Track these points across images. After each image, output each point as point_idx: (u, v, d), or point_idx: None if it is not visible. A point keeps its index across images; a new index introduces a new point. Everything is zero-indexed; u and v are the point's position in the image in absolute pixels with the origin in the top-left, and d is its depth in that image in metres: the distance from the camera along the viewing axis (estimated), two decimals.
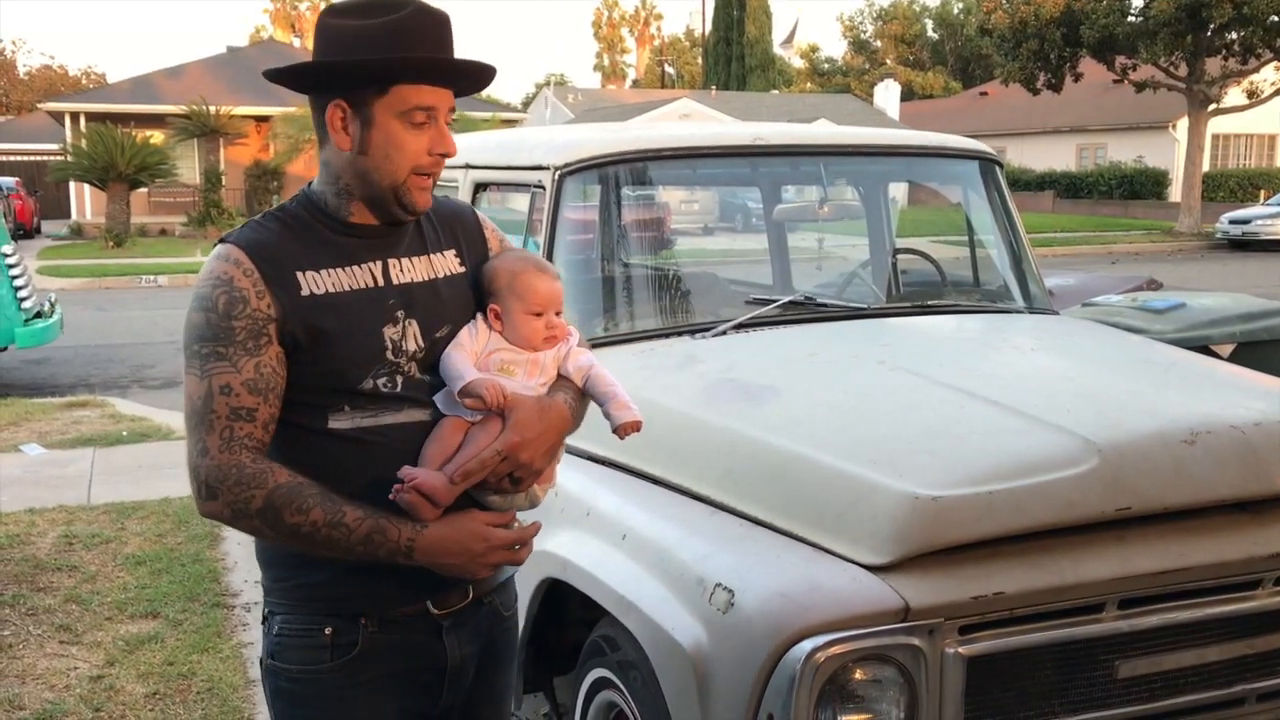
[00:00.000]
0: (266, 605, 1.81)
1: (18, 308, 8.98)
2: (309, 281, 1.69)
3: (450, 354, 1.76)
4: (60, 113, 30.65)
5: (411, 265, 1.78)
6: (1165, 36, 25.21)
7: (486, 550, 1.68)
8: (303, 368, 1.68)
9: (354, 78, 1.68)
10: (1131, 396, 2.42)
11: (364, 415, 1.71)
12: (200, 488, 1.64)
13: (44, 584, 4.57)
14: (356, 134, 1.70)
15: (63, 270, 19.08)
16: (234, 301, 1.64)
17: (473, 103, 35.82)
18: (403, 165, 1.70)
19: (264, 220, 1.75)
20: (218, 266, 1.67)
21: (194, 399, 1.65)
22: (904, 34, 63.58)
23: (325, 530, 1.62)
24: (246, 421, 1.64)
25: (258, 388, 1.64)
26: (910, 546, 2.00)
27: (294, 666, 1.76)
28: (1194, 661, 2.13)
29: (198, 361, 1.65)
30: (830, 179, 3.70)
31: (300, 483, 1.63)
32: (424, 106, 1.70)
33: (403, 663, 1.78)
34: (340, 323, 1.69)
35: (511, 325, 1.79)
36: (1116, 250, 24.39)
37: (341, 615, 1.74)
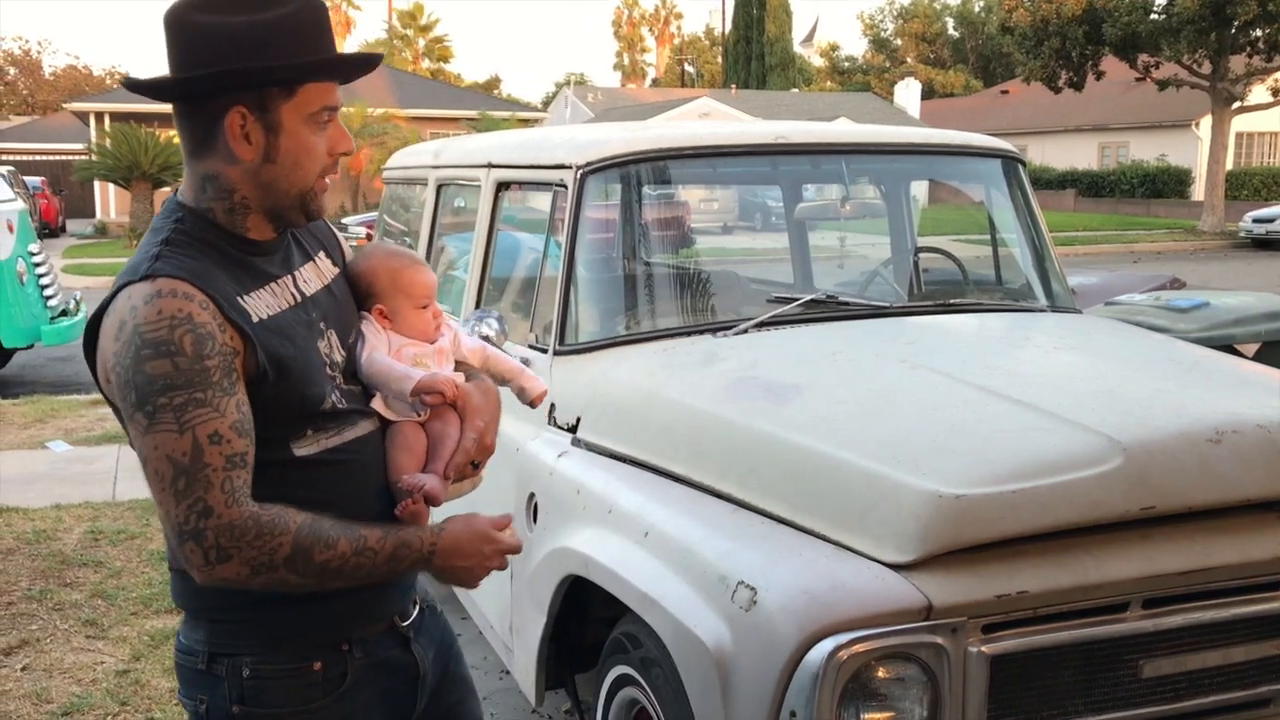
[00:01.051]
0: (212, 647, 1.62)
1: (44, 306, 9.06)
2: (252, 307, 1.56)
3: (374, 358, 1.73)
4: (85, 112, 30.92)
5: (309, 275, 1.71)
6: (1189, 34, 25.03)
7: (493, 553, 1.67)
8: (268, 399, 1.55)
9: (263, 83, 1.54)
10: (1156, 395, 2.41)
11: (327, 436, 1.63)
12: (209, 552, 1.46)
13: (70, 579, 4.62)
14: (261, 142, 1.56)
15: (88, 269, 19.24)
16: (202, 339, 1.46)
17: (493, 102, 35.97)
18: (312, 170, 1.61)
19: (174, 248, 1.54)
20: (168, 305, 1.46)
21: (175, 458, 1.44)
22: (925, 32, 63.32)
23: (353, 559, 1.54)
24: (242, 469, 1.48)
25: (244, 429, 1.49)
26: (934, 545, 2.00)
27: (280, 709, 1.63)
28: (1219, 662, 2.12)
29: (170, 415, 1.44)
30: (852, 177, 3.70)
31: (312, 517, 1.53)
32: (330, 106, 1.61)
33: (385, 681, 1.74)
34: (292, 347, 1.59)
35: (403, 321, 1.80)
36: (1139, 249, 24.23)
37: (325, 646, 1.66)
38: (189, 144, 1.61)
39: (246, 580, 1.50)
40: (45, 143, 37.91)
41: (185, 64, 1.55)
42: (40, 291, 9.07)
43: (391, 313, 1.80)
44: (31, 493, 5.85)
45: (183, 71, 1.55)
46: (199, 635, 1.64)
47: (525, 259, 3.79)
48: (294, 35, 1.54)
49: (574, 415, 2.90)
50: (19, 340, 8.91)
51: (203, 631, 1.64)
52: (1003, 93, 46.65)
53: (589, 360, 2.98)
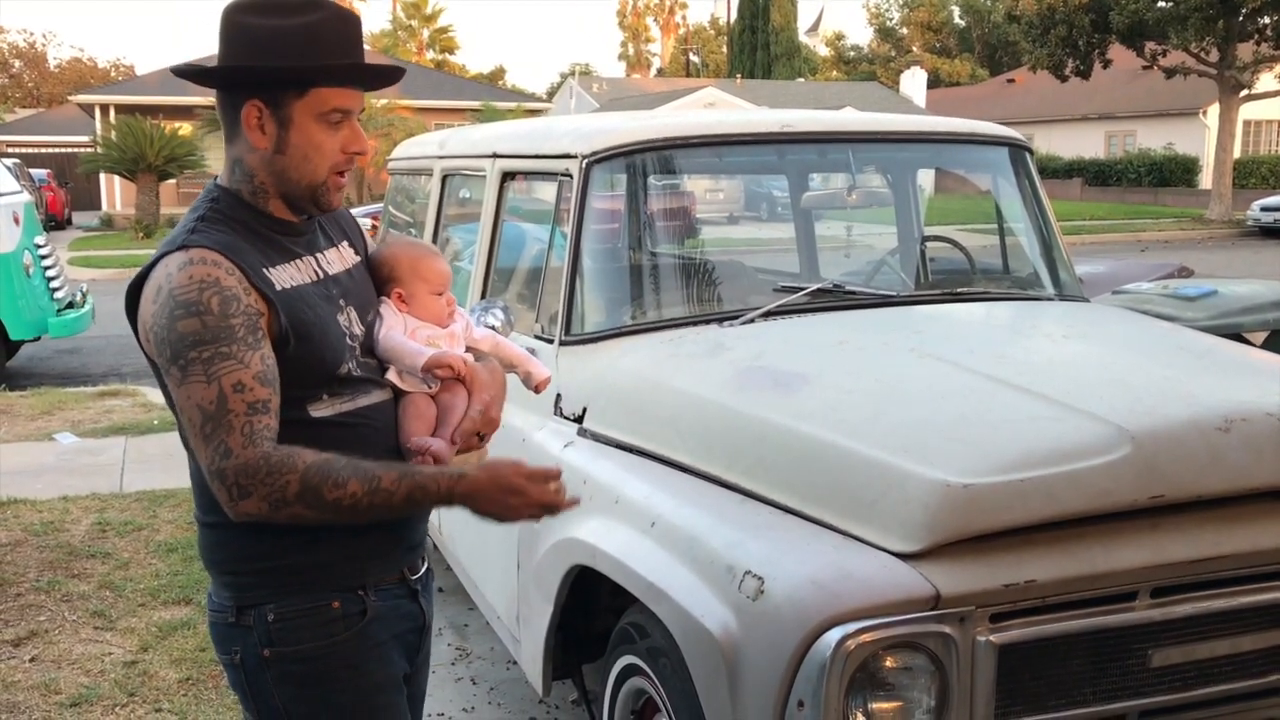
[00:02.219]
0: (238, 600, 1.77)
1: (50, 298, 9.09)
2: (276, 277, 1.72)
3: (390, 335, 1.88)
4: (90, 105, 30.94)
5: (332, 257, 1.88)
6: (1196, 22, 24.89)
7: (521, 505, 1.72)
8: (289, 362, 1.70)
9: (273, 82, 1.70)
10: (1165, 383, 2.40)
11: (342, 401, 1.77)
12: (231, 489, 1.61)
13: (78, 570, 4.63)
14: (273, 134, 1.73)
15: (94, 261, 19.28)
16: (228, 300, 1.63)
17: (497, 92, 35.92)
18: (321, 165, 1.75)
19: (208, 223, 1.72)
20: (198, 270, 1.64)
21: (204, 405, 1.61)
22: (930, 21, 63.07)
23: (367, 499, 1.63)
24: (263, 414, 1.63)
25: (267, 379, 1.65)
26: (941, 534, 2.00)
27: (305, 646, 1.77)
28: (1228, 651, 2.11)
29: (200, 366, 1.61)
30: (859, 166, 3.68)
31: (326, 458, 1.63)
32: (341, 108, 1.74)
33: (397, 627, 1.88)
34: (314, 314, 1.74)
35: (419, 305, 1.95)
36: (1145, 238, 24.16)
37: (342, 589, 1.80)
38: (224, 129, 1.78)
39: (269, 514, 1.63)
40: (51, 135, 37.93)
41: (220, 56, 1.74)
42: (47, 284, 9.09)
43: (409, 297, 1.95)
44: (39, 484, 5.86)
45: (219, 63, 1.74)
46: (226, 593, 1.79)
47: (531, 249, 3.78)
48: (312, 42, 1.69)
49: (580, 405, 2.90)
50: (26, 332, 8.93)
51: (229, 589, 1.79)
52: (1009, 81, 46.49)
53: (595, 350, 2.97)
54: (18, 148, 33.05)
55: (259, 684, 1.78)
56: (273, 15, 1.69)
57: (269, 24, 1.69)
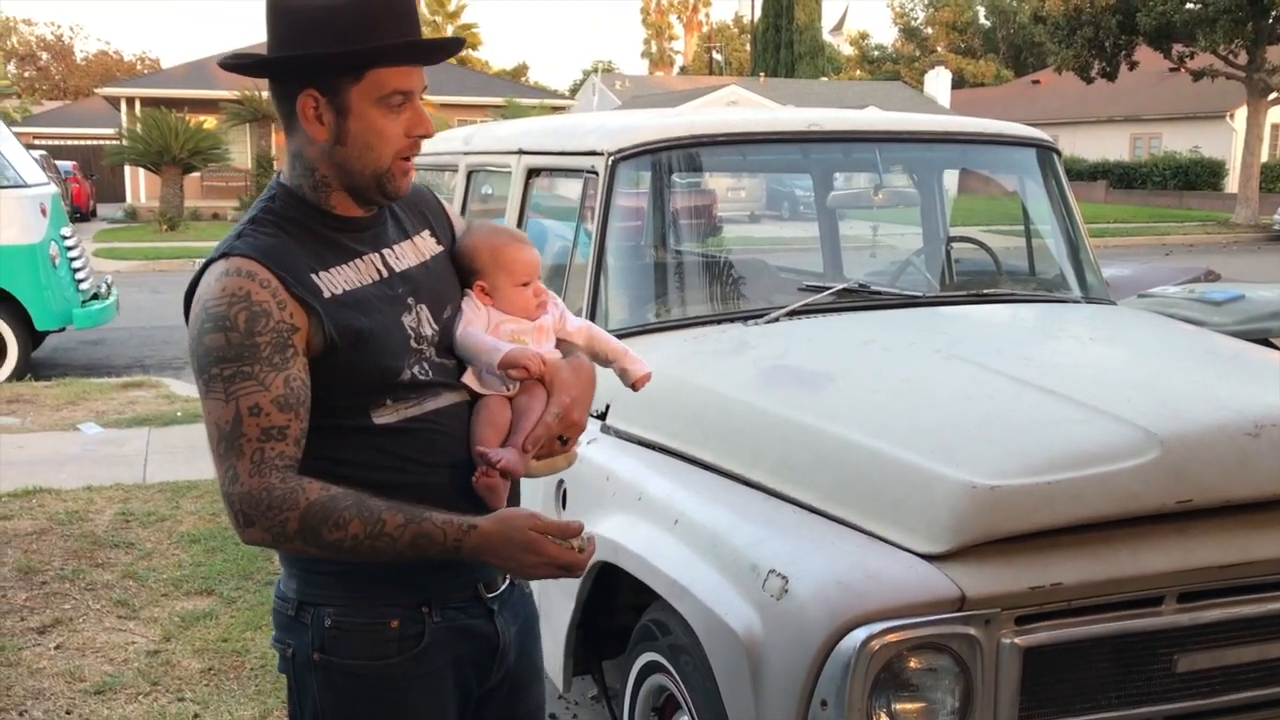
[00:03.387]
0: (301, 596, 1.72)
1: (75, 289, 9.15)
2: (325, 283, 1.63)
3: (468, 332, 1.76)
4: (116, 98, 31.13)
5: (403, 251, 1.76)
6: (1225, 24, 24.68)
7: (538, 564, 1.60)
8: (341, 370, 1.62)
9: (326, 68, 1.60)
10: (1194, 387, 2.38)
11: (407, 406, 1.68)
12: (237, 516, 1.56)
13: (102, 560, 4.66)
14: (332, 124, 1.62)
15: (118, 253, 19.41)
16: (255, 316, 1.55)
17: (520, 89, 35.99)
18: (385, 152, 1.64)
19: (258, 226, 1.65)
20: (231, 283, 1.56)
21: (220, 424, 1.55)
22: (955, 21, 62.78)
23: (368, 542, 1.56)
24: (278, 441, 1.55)
25: (288, 404, 1.56)
26: (967, 536, 1.99)
27: (355, 661, 1.70)
28: (1255, 657, 2.10)
29: (220, 384, 1.55)
30: (885, 166, 3.67)
31: (333, 495, 1.55)
32: (402, 90, 1.63)
33: (462, 647, 1.77)
34: (369, 319, 1.64)
35: (503, 298, 1.82)
36: (1170, 241, 23.98)
37: (403, 605, 1.71)
38: (282, 122, 1.68)
39: (274, 545, 1.59)
40: (76, 127, 38.24)
41: (270, 45, 1.64)
42: (72, 275, 9.15)
43: (492, 289, 1.82)
44: (63, 474, 5.91)
45: (269, 52, 1.64)
46: (292, 584, 1.74)
47: (555, 246, 3.78)
48: (363, 21, 1.58)
49: (603, 402, 2.90)
50: (51, 323, 9.00)
51: (295, 581, 1.73)
52: (1034, 83, 46.23)
53: None
54: (44, 139, 33.31)
55: (304, 682, 1.74)
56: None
57: (316, 5, 1.58)
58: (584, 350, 1.89)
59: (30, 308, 8.81)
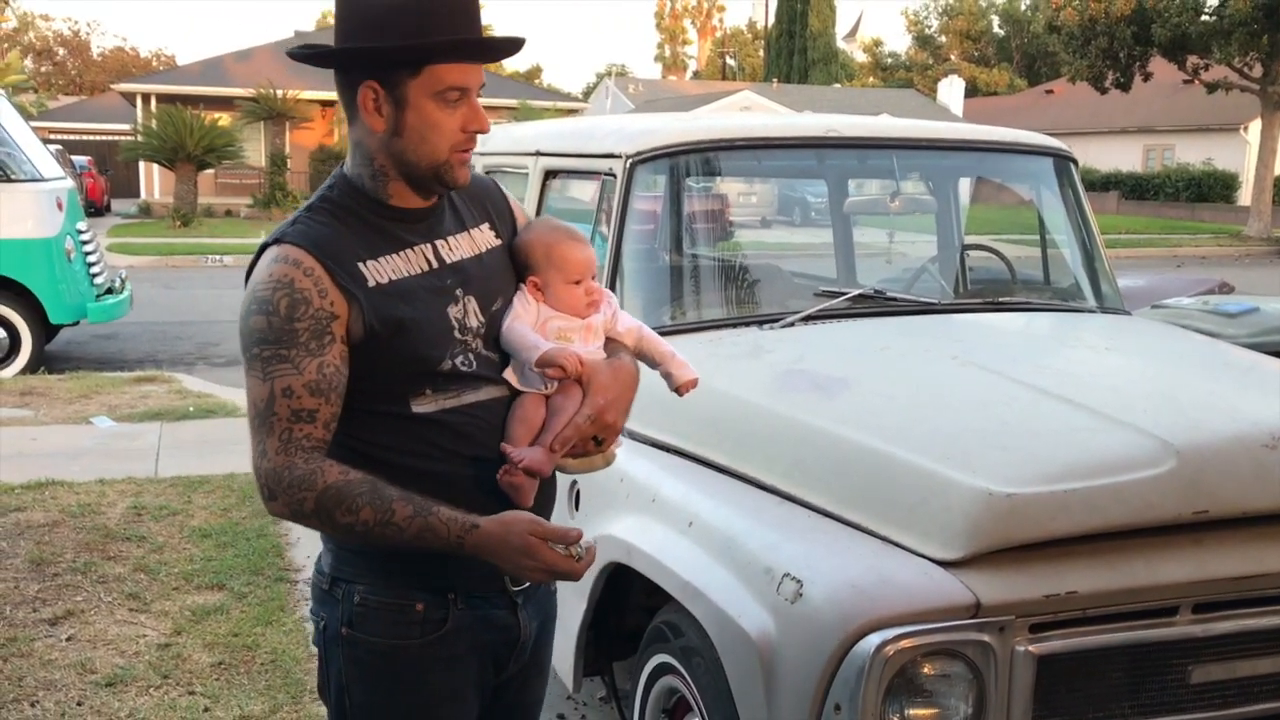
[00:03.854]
0: (334, 572, 1.79)
1: (90, 283, 9.18)
2: (372, 272, 1.68)
3: (513, 326, 1.78)
4: (131, 94, 31.28)
5: (457, 242, 1.80)
6: (1240, 36, 24.62)
7: (533, 568, 1.64)
8: (381, 357, 1.67)
9: (387, 62, 1.66)
10: (1210, 398, 2.38)
11: (446, 397, 1.71)
12: (262, 489, 1.65)
13: (114, 553, 4.68)
14: (390, 115, 1.68)
15: (132, 248, 19.47)
16: (296, 303, 1.62)
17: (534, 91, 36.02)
18: (440, 145, 1.69)
19: (313, 214, 1.72)
20: (278, 269, 1.64)
21: (256, 402, 1.64)
22: (969, 30, 62.69)
23: (378, 529, 1.62)
24: (307, 423, 1.63)
25: (319, 389, 1.63)
26: (983, 543, 1.99)
27: (378, 639, 1.75)
28: (1269, 669, 2.10)
29: (259, 364, 1.63)
30: (901, 172, 3.68)
31: (350, 481, 1.61)
32: (458, 86, 1.68)
33: (483, 637, 1.81)
34: (412, 309, 1.69)
35: (554, 295, 1.83)
36: (1182, 253, 23.92)
37: (430, 590, 1.75)
38: (345, 112, 1.74)
39: (293, 520, 1.66)
40: (92, 123, 38.38)
41: (337, 38, 1.71)
42: (87, 269, 9.19)
43: (544, 285, 1.83)
44: (76, 467, 5.93)
45: (335, 44, 1.71)
46: (328, 560, 1.81)
47: None
48: (424, 18, 1.63)
49: None
50: (65, 316, 9.03)
51: (330, 556, 1.80)
52: (1047, 92, 46.14)
53: None
54: (60, 134, 33.42)
55: (332, 655, 1.80)
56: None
57: (381, 2, 1.65)
58: (632, 351, 1.90)
59: (45, 301, 8.84)
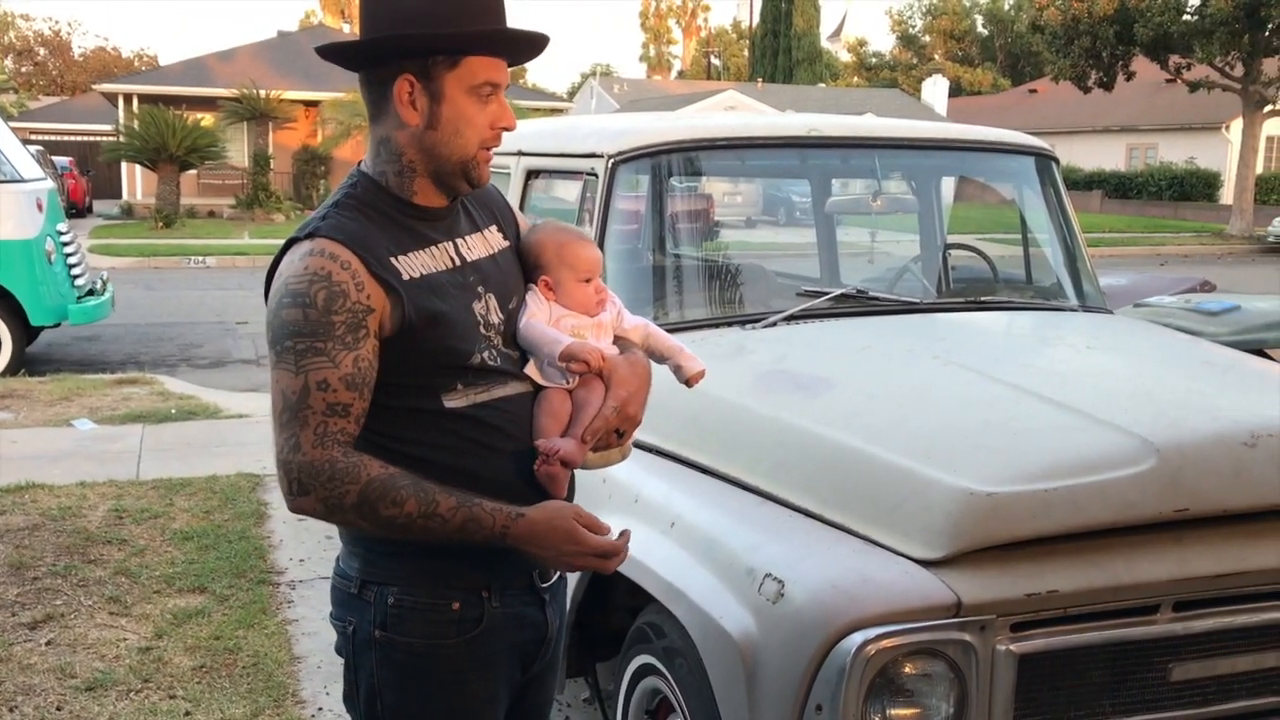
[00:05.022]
0: (364, 575, 1.77)
1: (71, 285, 9.13)
2: (404, 266, 1.70)
3: (531, 324, 1.81)
4: (113, 94, 31.09)
5: (474, 242, 1.83)
6: (1222, 36, 24.77)
7: (576, 554, 1.67)
8: (414, 350, 1.68)
9: (426, 50, 1.67)
10: (1191, 397, 2.39)
11: (477, 391, 1.73)
12: (292, 484, 1.62)
13: (94, 556, 4.65)
14: (425, 108, 1.70)
15: (113, 249, 19.36)
16: (334, 296, 1.62)
17: (519, 91, 35.95)
18: (472, 140, 1.72)
19: (340, 209, 1.72)
20: (314, 262, 1.64)
21: (288, 394, 1.62)
22: (953, 29, 62.88)
23: (421, 521, 1.62)
24: (341, 417, 1.63)
25: (354, 383, 1.63)
26: (964, 542, 1.99)
27: (415, 640, 1.75)
28: (1250, 667, 2.11)
29: (292, 357, 1.62)
30: (884, 172, 3.68)
31: (392, 474, 1.62)
32: (493, 81, 1.71)
33: (516, 635, 1.82)
34: (445, 303, 1.71)
35: (565, 293, 1.87)
36: (1165, 252, 24.04)
37: (464, 588, 1.76)
38: (370, 110, 1.76)
39: (324, 516, 1.64)
40: (73, 123, 38.13)
41: (364, 32, 1.72)
42: (68, 270, 9.13)
43: (555, 284, 1.87)
44: (57, 470, 5.89)
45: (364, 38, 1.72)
46: (355, 563, 1.78)
47: None
48: (461, 10, 1.67)
49: None
50: (46, 318, 8.97)
51: (358, 560, 1.78)
52: (1031, 91, 46.33)
53: None
54: (41, 135, 33.23)
55: (363, 659, 1.79)
56: None
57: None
58: (640, 347, 1.94)
59: (25, 303, 8.78)
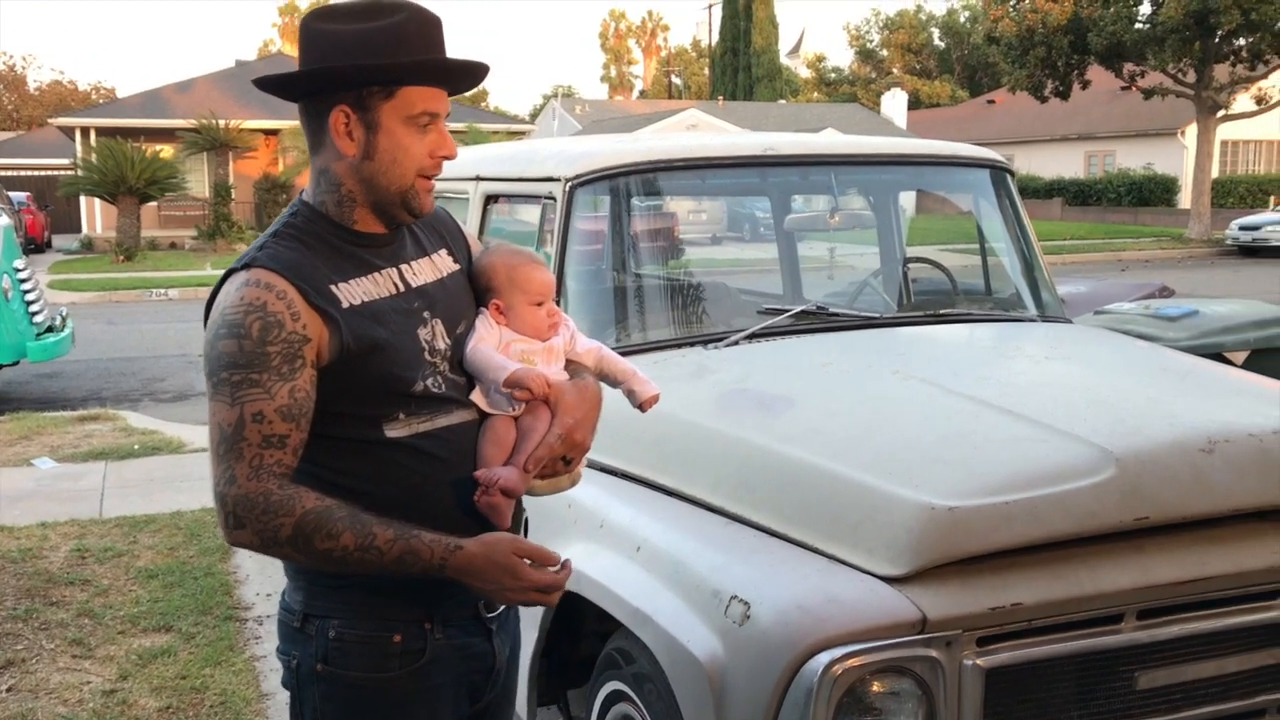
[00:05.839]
0: (306, 608, 1.76)
1: (29, 322, 9.01)
2: (344, 294, 1.69)
3: (478, 349, 1.80)
4: (70, 128, 30.81)
5: (420, 267, 1.81)
6: (1173, 43, 25.14)
7: (516, 588, 1.65)
8: (355, 379, 1.67)
9: (361, 82, 1.68)
10: (1148, 404, 2.41)
11: (419, 420, 1.71)
12: (228, 517, 1.61)
13: (56, 598, 4.57)
14: (361, 139, 1.70)
15: (74, 284, 19.15)
16: (269, 326, 1.61)
17: (480, 114, 35.96)
18: (409, 169, 1.71)
19: (280, 239, 1.71)
20: (249, 293, 1.63)
21: (223, 426, 1.61)
22: (910, 43, 63.54)
23: (357, 554, 1.60)
24: (277, 449, 1.61)
25: (290, 414, 1.62)
26: (927, 557, 1.99)
27: (356, 673, 1.73)
28: (1214, 672, 2.11)
29: (228, 389, 1.61)
30: (841, 188, 3.70)
31: (328, 506, 1.60)
32: (430, 110, 1.71)
33: (461, 666, 1.80)
34: (385, 330, 1.70)
35: (517, 317, 1.85)
36: (1126, 257, 24.31)
37: (407, 620, 1.74)
38: (308, 140, 1.76)
39: (261, 550, 1.62)
40: (31, 158, 37.75)
41: (301, 63, 1.74)
42: (26, 308, 9.01)
43: (507, 308, 1.85)
44: (17, 510, 5.80)
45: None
46: (299, 596, 1.77)
47: None
48: (396, 41, 1.67)
49: None
50: (4, 357, 8.84)
51: (301, 593, 1.77)
52: (989, 102, 46.84)
53: None
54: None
55: (307, 693, 1.77)
56: (355, 20, 1.68)
57: (353, 29, 1.67)
58: (593, 372, 1.92)
59: None
